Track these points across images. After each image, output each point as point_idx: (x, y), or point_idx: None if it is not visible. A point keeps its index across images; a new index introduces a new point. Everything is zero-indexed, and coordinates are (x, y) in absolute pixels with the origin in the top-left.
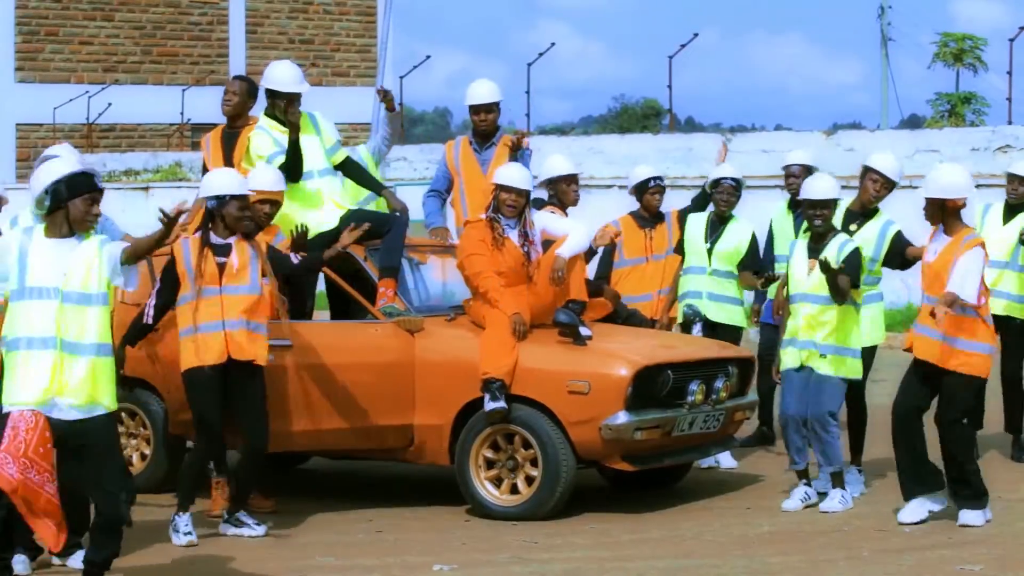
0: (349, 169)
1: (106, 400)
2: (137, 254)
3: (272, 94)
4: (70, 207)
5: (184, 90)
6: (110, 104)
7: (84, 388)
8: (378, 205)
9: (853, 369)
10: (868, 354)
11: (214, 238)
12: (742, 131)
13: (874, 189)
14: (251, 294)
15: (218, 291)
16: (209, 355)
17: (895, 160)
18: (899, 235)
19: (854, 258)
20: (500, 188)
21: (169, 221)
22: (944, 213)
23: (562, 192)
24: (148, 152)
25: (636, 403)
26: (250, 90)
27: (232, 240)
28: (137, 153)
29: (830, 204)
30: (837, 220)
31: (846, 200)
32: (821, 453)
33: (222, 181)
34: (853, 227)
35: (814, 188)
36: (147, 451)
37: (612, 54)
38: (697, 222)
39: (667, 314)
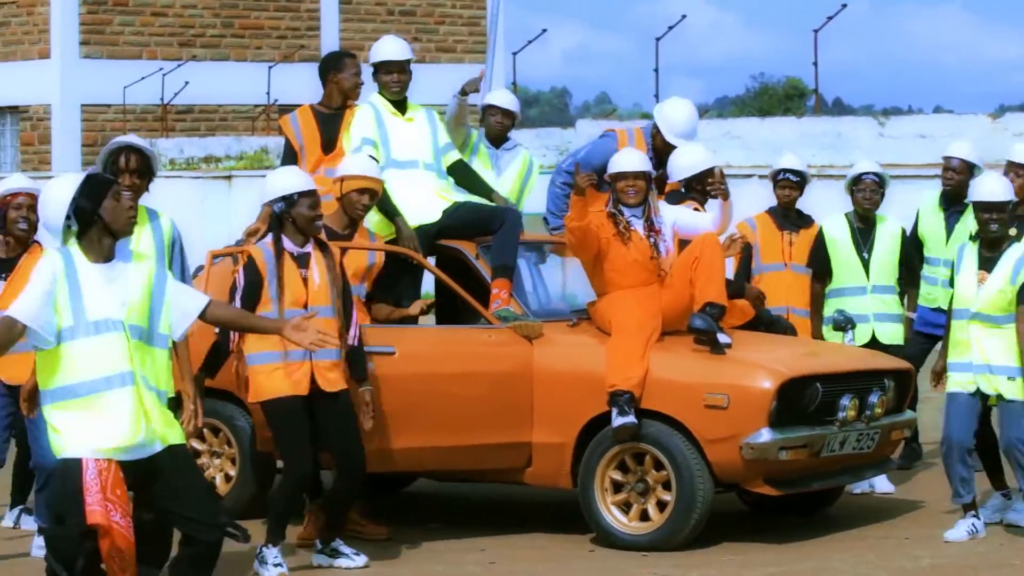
0: (460, 173)
1: (173, 432)
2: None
3: (376, 69)
4: (103, 215)
5: (270, 67)
6: (187, 83)
7: (159, 426)
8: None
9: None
10: None
11: (290, 245)
12: (896, 114)
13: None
14: (332, 318)
15: (304, 313)
16: (293, 386)
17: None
18: None
19: None
20: (615, 178)
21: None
22: None
23: (709, 184)
24: (230, 136)
25: (781, 419)
26: None
27: (309, 249)
28: (218, 138)
29: (1005, 206)
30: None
31: None
32: None
33: (288, 179)
34: (1012, 231)
35: (986, 189)
36: (232, 471)
37: (750, 27)
38: (838, 230)
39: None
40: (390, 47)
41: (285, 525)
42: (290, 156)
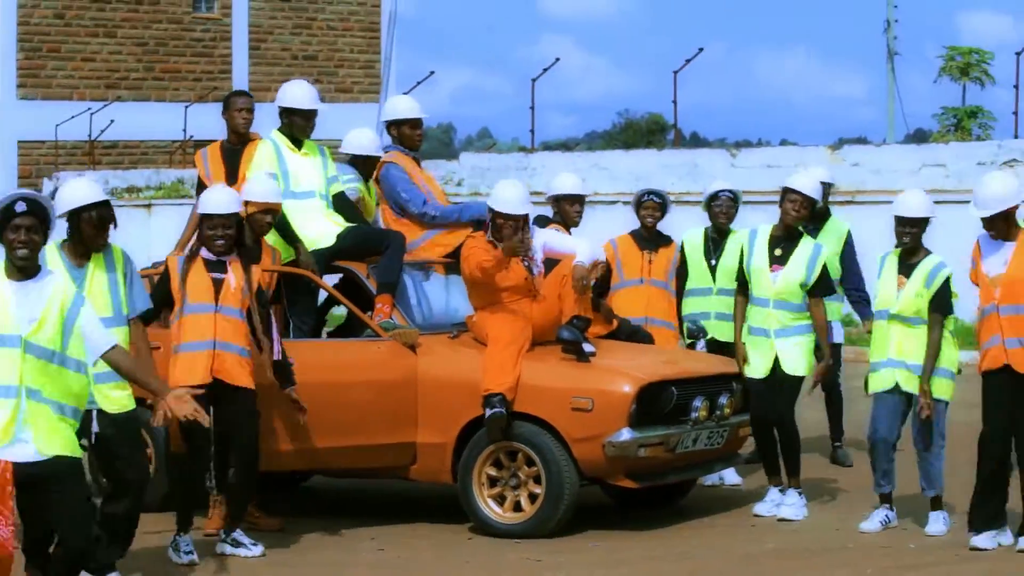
0: (339, 205)
1: (69, 449)
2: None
3: (289, 112)
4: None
5: (187, 107)
6: (112, 121)
7: (47, 438)
8: None
9: (943, 389)
10: (797, 384)
11: (207, 254)
12: (747, 146)
13: (793, 210)
14: (241, 319)
15: (213, 309)
16: (193, 375)
17: (813, 179)
18: (826, 264)
19: (944, 289)
20: (497, 215)
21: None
22: (1007, 222)
23: (564, 211)
24: (150, 169)
25: (640, 420)
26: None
27: (227, 259)
28: (140, 170)
29: (921, 223)
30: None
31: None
32: (925, 476)
33: (210, 198)
34: (778, 251)
35: (907, 205)
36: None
37: (617, 69)
38: (694, 240)
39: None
40: (305, 94)
41: (191, 513)
42: (201, 187)
